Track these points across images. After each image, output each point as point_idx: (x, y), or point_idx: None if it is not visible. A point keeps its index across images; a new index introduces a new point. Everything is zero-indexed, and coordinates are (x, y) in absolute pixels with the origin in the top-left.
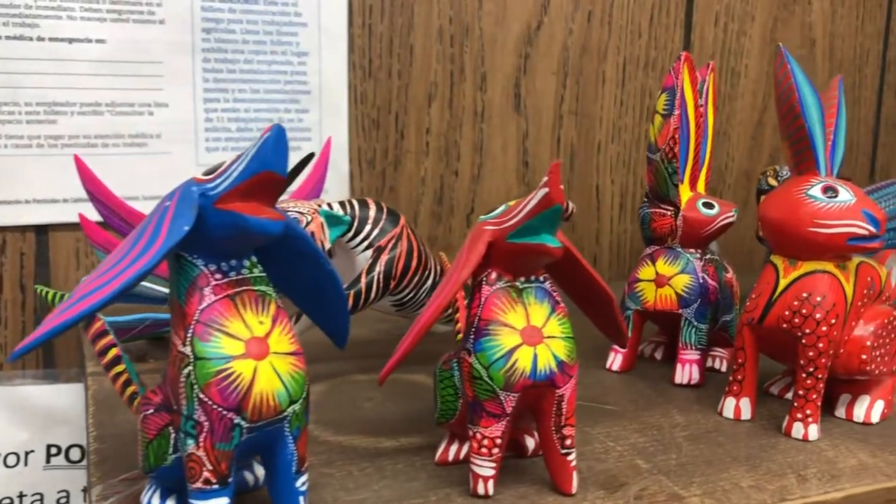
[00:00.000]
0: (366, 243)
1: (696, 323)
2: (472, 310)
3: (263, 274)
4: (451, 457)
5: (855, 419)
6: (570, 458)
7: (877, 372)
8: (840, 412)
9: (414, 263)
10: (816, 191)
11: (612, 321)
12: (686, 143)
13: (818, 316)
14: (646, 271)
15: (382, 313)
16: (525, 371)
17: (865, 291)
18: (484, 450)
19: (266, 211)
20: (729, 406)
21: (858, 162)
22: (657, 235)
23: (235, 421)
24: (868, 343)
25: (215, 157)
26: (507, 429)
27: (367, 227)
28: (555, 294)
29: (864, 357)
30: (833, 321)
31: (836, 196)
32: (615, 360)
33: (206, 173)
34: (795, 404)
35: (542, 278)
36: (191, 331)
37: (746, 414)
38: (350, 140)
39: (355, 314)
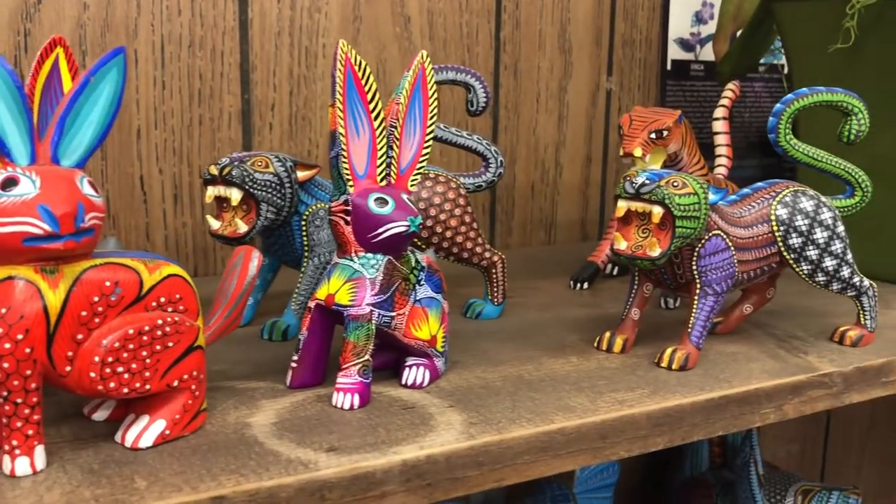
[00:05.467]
0: None
1: None
2: None
3: None
4: None
5: (126, 443)
6: None
7: (125, 391)
8: (117, 435)
9: None
10: None
11: None
12: None
13: None
14: None
15: None
16: None
17: (97, 299)
18: None
19: None
20: None
21: None
22: None
23: None
24: (97, 359)
25: None
26: None
27: None
28: None
29: (92, 375)
30: (20, 337)
31: (14, 188)
32: None
33: None
34: (3, 434)
35: None
36: None
37: None
38: None
39: None
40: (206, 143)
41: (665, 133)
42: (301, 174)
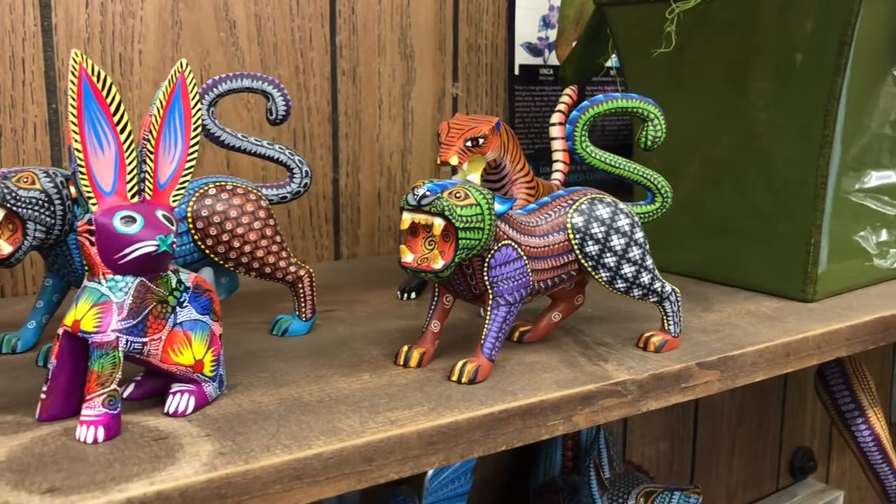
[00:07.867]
0: None
1: None
2: None
3: None
4: None
5: None
6: None
7: None
8: None
9: None
10: None
11: None
12: None
13: None
14: None
15: None
16: None
17: None
18: None
19: None
20: None
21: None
22: None
23: None
24: None
25: None
26: None
27: None
28: None
29: None
30: None
31: None
32: None
33: None
34: None
35: None
36: None
37: None
38: None
39: None
40: (8, 155)
41: (481, 141)
42: (75, 189)
